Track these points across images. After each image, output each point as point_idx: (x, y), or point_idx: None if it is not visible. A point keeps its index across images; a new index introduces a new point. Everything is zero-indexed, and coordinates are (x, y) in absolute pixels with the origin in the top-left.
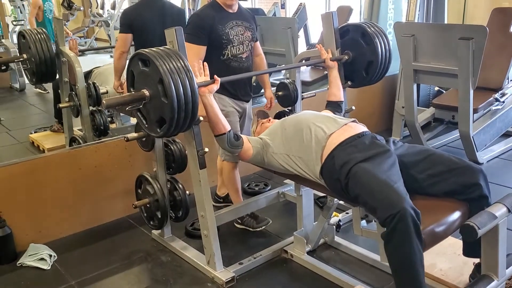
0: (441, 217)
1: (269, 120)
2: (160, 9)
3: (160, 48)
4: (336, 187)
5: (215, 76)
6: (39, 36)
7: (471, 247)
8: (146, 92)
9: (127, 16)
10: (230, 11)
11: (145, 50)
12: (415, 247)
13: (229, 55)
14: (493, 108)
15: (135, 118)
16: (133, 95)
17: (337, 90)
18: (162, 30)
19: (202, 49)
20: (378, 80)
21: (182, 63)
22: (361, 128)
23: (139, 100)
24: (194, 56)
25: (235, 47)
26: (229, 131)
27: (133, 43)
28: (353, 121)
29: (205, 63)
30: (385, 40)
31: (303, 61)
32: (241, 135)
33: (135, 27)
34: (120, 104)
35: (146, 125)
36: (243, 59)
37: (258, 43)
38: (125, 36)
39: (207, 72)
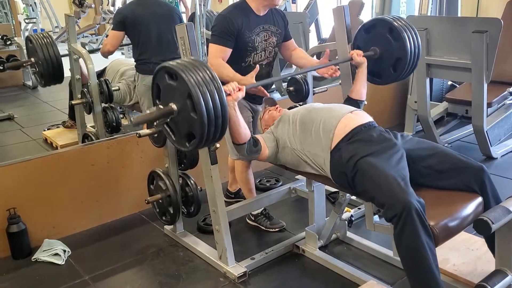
0: (454, 211)
1: (277, 108)
2: (152, 6)
3: (185, 60)
4: (342, 180)
5: (238, 84)
6: (45, 40)
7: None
8: (174, 106)
9: (120, 14)
10: (260, 14)
11: (171, 63)
12: (425, 244)
13: (251, 62)
14: (508, 102)
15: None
16: (161, 111)
17: (362, 88)
18: (157, 26)
19: (228, 51)
20: (407, 76)
21: (209, 74)
22: (367, 117)
23: (167, 115)
24: (218, 56)
25: (258, 54)
26: (249, 140)
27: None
28: (358, 110)
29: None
30: (414, 34)
31: (317, 56)
32: (258, 138)
33: (128, 24)
34: (148, 121)
35: (174, 139)
36: (263, 66)
37: (291, 40)
38: (117, 33)
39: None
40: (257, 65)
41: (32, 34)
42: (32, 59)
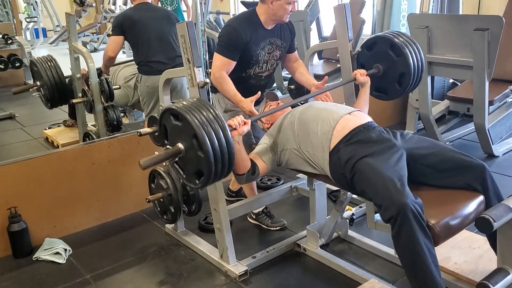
0: (455, 209)
1: (278, 103)
2: (149, 10)
3: (189, 100)
4: (342, 181)
5: (243, 118)
6: (49, 63)
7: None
8: (181, 146)
9: (118, 18)
10: (268, 28)
11: (175, 105)
12: (423, 245)
13: (251, 73)
14: (509, 100)
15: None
16: (169, 151)
17: (364, 107)
18: (156, 28)
19: (233, 64)
20: (412, 90)
21: (213, 113)
22: (366, 117)
23: (175, 155)
24: (222, 68)
25: (260, 66)
26: (248, 170)
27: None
28: (357, 111)
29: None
30: (416, 49)
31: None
32: (254, 159)
33: (126, 27)
34: (157, 162)
35: (184, 176)
36: (262, 77)
37: (295, 53)
38: (117, 38)
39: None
40: (258, 92)
41: (36, 58)
42: (38, 83)
